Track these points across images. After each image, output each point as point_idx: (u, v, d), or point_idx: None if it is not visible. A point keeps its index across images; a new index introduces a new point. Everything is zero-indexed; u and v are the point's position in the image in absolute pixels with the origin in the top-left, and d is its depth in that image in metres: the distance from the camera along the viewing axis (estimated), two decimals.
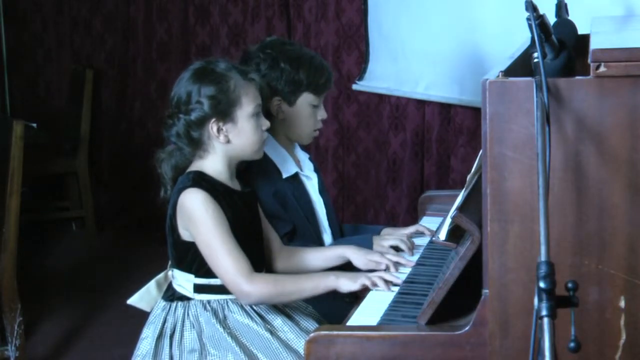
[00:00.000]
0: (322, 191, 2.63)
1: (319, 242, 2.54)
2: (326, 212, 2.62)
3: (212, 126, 2.20)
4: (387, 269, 2.25)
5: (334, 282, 2.15)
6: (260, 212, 2.36)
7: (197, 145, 2.22)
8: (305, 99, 2.51)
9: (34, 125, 5.04)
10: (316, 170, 2.65)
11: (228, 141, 2.22)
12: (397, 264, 2.28)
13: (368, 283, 2.14)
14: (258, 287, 2.13)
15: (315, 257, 2.38)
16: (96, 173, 5.78)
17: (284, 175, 2.50)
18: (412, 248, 2.43)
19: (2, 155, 3.35)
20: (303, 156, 2.64)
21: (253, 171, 2.40)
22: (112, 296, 4.27)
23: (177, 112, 2.22)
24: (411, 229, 2.57)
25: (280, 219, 2.44)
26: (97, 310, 4.28)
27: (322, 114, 2.56)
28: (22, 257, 3.53)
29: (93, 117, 5.54)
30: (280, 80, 2.47)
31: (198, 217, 2.15)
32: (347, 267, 2.34)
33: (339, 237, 2.66)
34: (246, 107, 2.22)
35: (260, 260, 2.28)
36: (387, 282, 2.14)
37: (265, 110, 2.38)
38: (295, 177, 2.54)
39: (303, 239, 2.48)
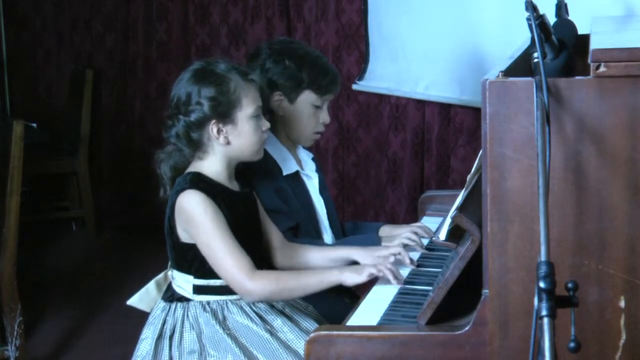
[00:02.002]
0: (323, 191, 2.63)
1: (319, 242, 2.54)
2: (327, 212, 2.62)
3: (212, 127, 2.20)
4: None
5: (338, 276, 2.14)
6: (260, 212, 2.35)
7: (196, 146, 2.22)
8: (307, 98, 2.51)
9: (34, 125, 5.05)
10: (318, 170, 2.65)
11: (228, 142, 2.22)
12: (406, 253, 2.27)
13: (374, 271, 2.12)
14: (261, 284, 2.13)
15: (318, 257, 2.36)
16: (96, 173, 5.78)
17: (285, 173, 2.50)
18: (420, 244, 2.43)
19: (2, 155, 3.35)
20: (305, 156, 2.64)
21: (254, 168, 2.39)
22: (112, 296, 4.27)
23: (177, 113, 2.21)
24: (408, 229, 2.56)
25: (284, 213, 2.44)
26: (97, 310, 4.28)
27: (324, 117, 2.55)
28: (22, 257, 3.53)
29: (93, 117, 5.54)
30: (283, 75, 2.48)
31: (197, 219, 2.15)
32: None
33: (341, 236, 2.65)
34: (246, 109, 2.21)
35: (260, 259, 2.28)
36: (394, 274, 2.13)
37: (266, 107, 2.38)
38: (296, 176, 2.54)
39: (306, 237, 2.48)
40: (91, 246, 5.45)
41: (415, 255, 2.37)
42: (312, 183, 2.61)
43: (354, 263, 2.31)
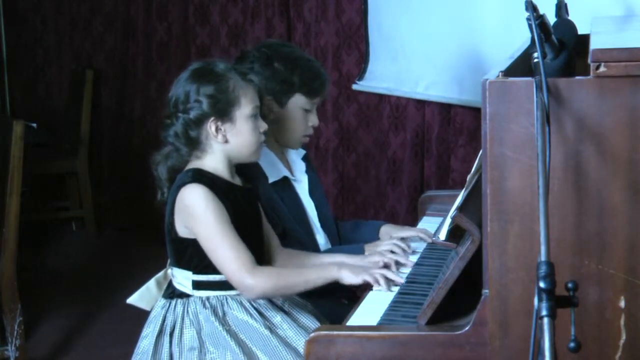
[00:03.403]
0: (314, 192, 2.61)
1: (311, 244, 2.52)
2: (317, 213, 2.60)
3: (211, 125, 2.20)
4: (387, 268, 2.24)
5: (337, 273, 2.16)
6: (260, 209, 2.35)
7: (194, 145, 2.22)
8: (297, 102, 2.49)
9: (34, 125, 5.05)
10: (309, 170, 2.63)
11: (226, 141, 2.22)
12: (397, 263, 2.27)
13: (370, 280, 2.14)
14: (261, 280, 2.13)
15: (314, 262, 2.35)
16: (96, 173, 5.78)
17: (270, 180, 2.48)
18: (407, 250, 2.40)
19: (2, 155, 3.35)
20: (295, 156, 2.61)
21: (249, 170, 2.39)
22: (112, 296, 4.27)
23: (176, 111, 2.22)
24: (410, 233, 2.55)
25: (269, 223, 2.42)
26: (96, 310, 4.28)
27: (313, 120, 2.53)
28: (22, 257, 3.53)
29: (93, 117, 5.54)
30: (273, 79, 2.46)
31: (199, 212, 2.15)
32: None
33: (335, 236, 2.64)
34: (245, 108, 2.22)
35: (261, 255, 2.28)
36: (388, 281, 2.14)
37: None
38: (284, 181, 2.51)
39: (294, 242, 2.46)
40: (91, 246, 5.45)
41: (414, 255, 2.38)
42: (302, 186, 2.59)
43: None
